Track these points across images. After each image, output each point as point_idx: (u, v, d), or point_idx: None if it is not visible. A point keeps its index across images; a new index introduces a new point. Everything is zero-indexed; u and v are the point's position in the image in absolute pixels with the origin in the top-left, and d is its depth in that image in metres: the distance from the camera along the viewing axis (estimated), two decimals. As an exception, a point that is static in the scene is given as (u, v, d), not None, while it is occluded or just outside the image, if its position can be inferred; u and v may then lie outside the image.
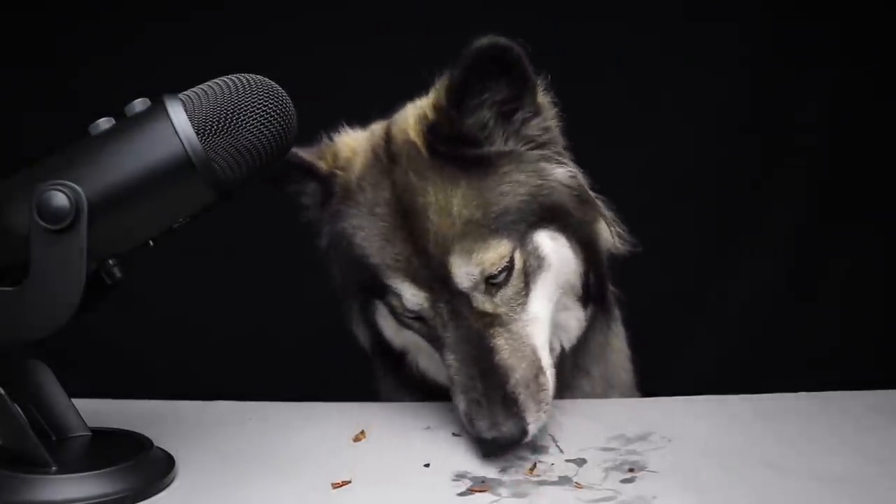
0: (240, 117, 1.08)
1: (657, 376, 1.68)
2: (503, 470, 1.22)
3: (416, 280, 1.27)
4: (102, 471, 1.14)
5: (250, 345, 2.29)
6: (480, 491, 1.16)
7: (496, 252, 1.26)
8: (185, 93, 1.10)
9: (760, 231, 2.35)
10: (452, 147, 1.29)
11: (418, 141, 1.30)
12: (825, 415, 1.37)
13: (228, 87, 1.09)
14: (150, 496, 1.15)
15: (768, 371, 2.27)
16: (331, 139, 1.41)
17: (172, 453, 1.24)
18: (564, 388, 1.46)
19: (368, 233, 1.30)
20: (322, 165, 1.37)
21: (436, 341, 1.30)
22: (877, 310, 2.30)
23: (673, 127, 2.25)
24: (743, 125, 2.29)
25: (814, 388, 1.46)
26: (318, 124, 1.41)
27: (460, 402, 1.25)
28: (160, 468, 1.20)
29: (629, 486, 1.16)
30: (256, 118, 1.09)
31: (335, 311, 1.57)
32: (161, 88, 1.10)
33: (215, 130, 1.07)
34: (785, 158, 2.32)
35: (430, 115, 1.31)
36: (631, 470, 1.21)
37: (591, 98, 2.18)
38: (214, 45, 2.08)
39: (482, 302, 1.27)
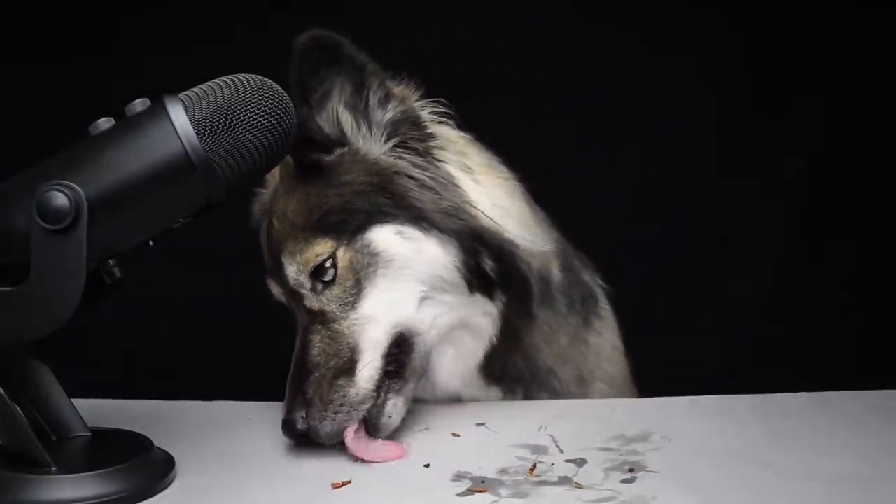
0: (240, 117, 1.08)
1: (657, 376, 1.68)
2: (503, 470, 1.22)
3: (273, 278, 1.39)
4: (102, 471, 1.14)
5: (250, 345, 2.29)
6: (480, 491, 1.16)
7: (313, 251, 1.32)
8: (185, 93, 1.10)
9: (760, 231, 2.35)
10: (303, 153, 1.34)
11: (291, 157, 1.35)
12: (825, 415, 1.37)
13: (228, 87, 1.09)
14: (150, 496, 1.15)
15: (768, 371, 2.26)
16: None
17: (172, 453, 1.24)
18: (533, 386, 1.49)
19: (261, 235, 1.44)
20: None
21: None
22: (876, 310, 2.30)
23: (672, 126, 2.25)
24: (741, 124, 2.29)
25: (814, 388, 1.46)
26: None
27: (287, 389, 1.31)
28: (160, 468, 1.20)
29: (629, 486, 1.16)
30: (256, 118, 1.09)
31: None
32: (161, 88, 1.10)
33: (215, 130, 1.07)
34: (784, 157, 2.32)
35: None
36: (631, 470, 1.21)
37: (591, 98, 2.19)
38: (214, 46, 2.08)
39: (310, 300, 1.33)
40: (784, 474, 1.18)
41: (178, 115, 1.06)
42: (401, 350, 1.33)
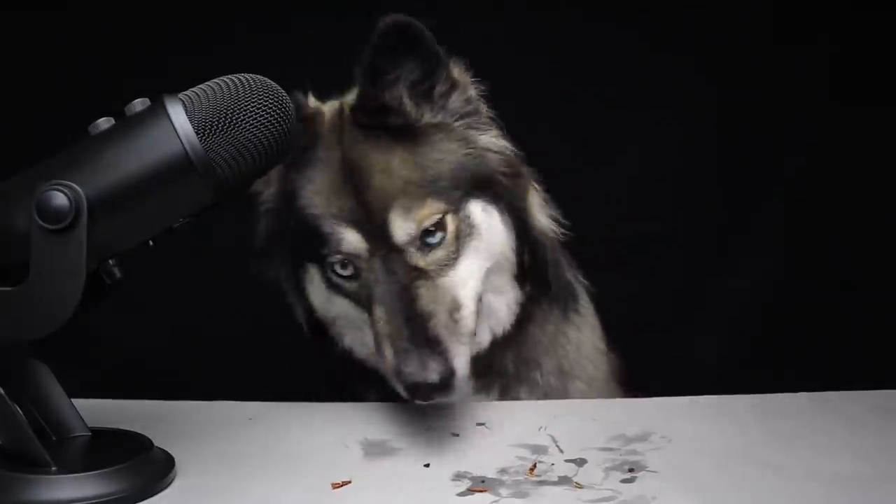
0: (240, 117, 1.08)
1: (656, 376, 1.68)
2: (503, 470, 1.22)
3: (358, 231, 1.35)
4: (102, 471, 1.14)
5: (250, 345, 2.29)
6: (480, 491, 1.16)
7: (430, 209, 1.34)
8: (185, 93, 1.10)
9: (760, 230, 2.35)
10: (378, 118, 1.38)
11: (353, 116, 1.40)
12: (825, 415, 1.37)
13: (228, 87, 1.09)
14: (150, 496, 1.15)
15: (768, 371, 2.26)
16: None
17: (172, 453, 1.24)
18: (512, 380, 1.51)
19: (319, 186, 1.38)
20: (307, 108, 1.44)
21: (363, 300, 1.36)
22: (877, 309, 2.30)
23: (672, 126, 2.25)
24: (741, 123, 2.29)
25: (814, 388, 1.46)
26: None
27: (387, 355, 1.30)
28: (160, 468, 1.20)
29: (629, 486, 1.17)
30: (256, 118, 1.09)
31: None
32: (161, 88, 1.10)
33: (215, 130, 1.07)
34: (784, 157, 2.32)
35: (357, 94, 1.41)
36: (631, 470, 1.21)
37: (590, 98, 2.19)
38: (214, 45, 2.08)
39: (415, 257, 1.34)
40: (784, 474, 1.18)
41: (178, 114, 1.06)
42: None
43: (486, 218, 1.41)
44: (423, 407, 1.43)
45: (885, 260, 2.30)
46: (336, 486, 1.18)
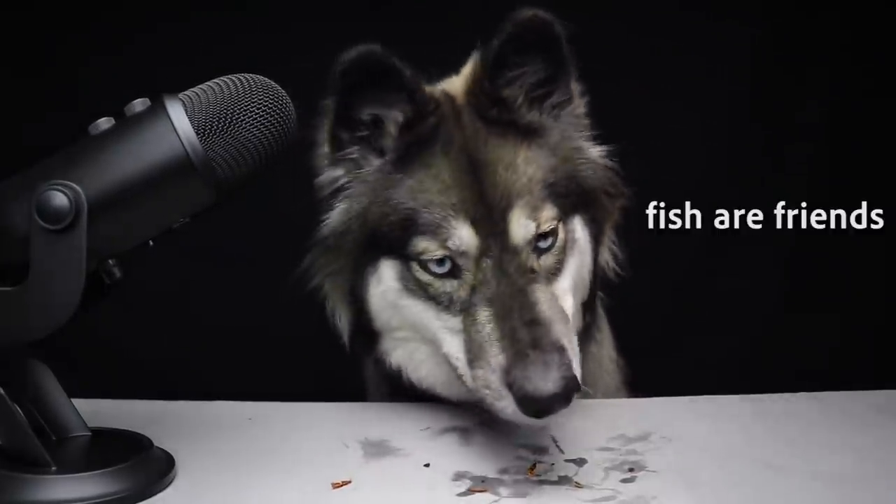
0: (240, 117, 1.08)
1: (657, 376, 1.68)
2: (503, 470, 1.22)
3: (473, 226, 1.26)
4: (102, 471, 1.14)
5: (250, 345, 2.29)
6: (480, 491, 1.16)
7: (549, 213, 1.28)
8: (185, 93, 1.10)
9: (760, 231, 2.35)
10: (495, 111, 1.32)
11: (468, 105, 1.33)
12: (825, 415, 1.37)
13: (228, 87, 1.10)
14: (150, 496, 1.15)
15: (768, 371, 2.26)
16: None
17: (172, 453, 1.24)
18: None
19: (436, 173, 1.29)
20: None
21: (454, 304, 1.27)
22: (877, 310, 2.30)
23: (672, 126, 2.25)
24: (743, 124, 2.29)
25: (814, 388, 1.46)
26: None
27: (495, 363, 1.19)
28: (160, 468, 1.20)
29: (629, 486, 1.17)
30: (256, 118, 1.09)
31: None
32: (161, 88, 1.10)
33: (215, 130, 1.07)
34: (786, 157, 2.32)
35: (469, 83, 1.34)
36: (631, 470, 1.21)
37: (590, 97, 2.19)
38: (214, 45, 2.08)
39: (531, 259, 1.26)
40: (784, 474, 1.18)
41: (178, 115, 1.06)
42: None
43: (583, 236, 1.35)
44: (422, 407, 1.43)
45: (885, 260, 2.30)
46: (336, 485, 1.18)
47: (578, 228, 1.35)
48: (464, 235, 1.25)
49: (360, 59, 1.24)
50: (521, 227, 1.26)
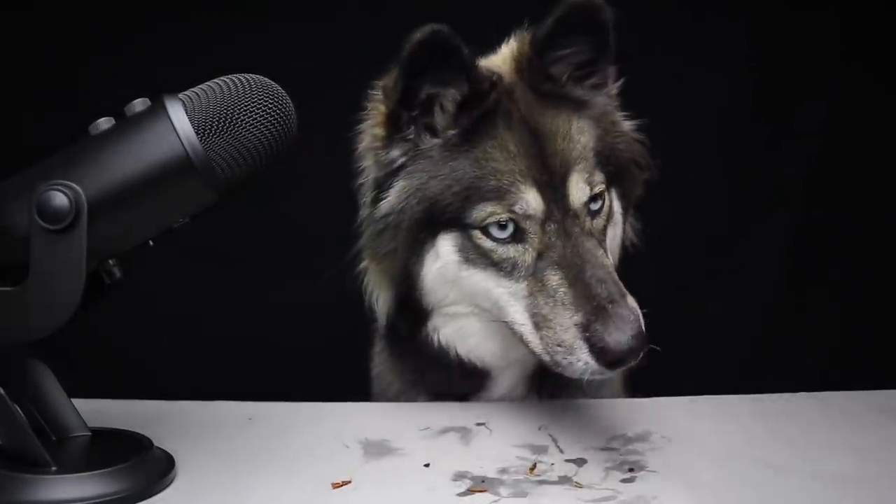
0: (240, 117, 1.08)
1: (657, 376, 1.67)
2: (503, 470, 1.22)
3: (539, 191, 1.31)
4: (102, 471, 1.14)
5: (250, 345, 2.29)
6: (480, 491, 1.16)
7: (599, 177, 1.35)
8: (185, 93, 1.10)
9: (761, 231, 2.35)
10: (555, 86, 1.38)
11: (520, 80, 1.38)
12: (825, 415, 1.37)
13: (228, 87, 1.10)
14: (150, 496, 1.15)
15: (768, 371, 2.26)
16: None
17: (172, 453, 1.24)
18: (561, 391, 1.47)
19: (502, 142, 1.33)
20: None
21: (518, 269, 1.31)
22: (877, 310, 2.30)
23: (672, 126, 2.25)
24: (743, 124, 2.29)
25: (814, 388, 1.46)
26: (318, 124, 1.41)
27: (573, 318, 1.24)
28: (160, 468, 1.20)
29: (629, 486, 1.17)
30: (256, 118, 1.09)
31: (336, 311, 1.57)
32: (161, 88, 1.10)
33: (215, 130, 1.07)
34: (785, 158, 2.32)
35: (518, 60, 1.39)
36: (631, 470, 1.21)
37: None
38: (214, 45, 2.08)
39: (587, 221, 1.33)
40: (784, 474, 1.18)
41: (178, 115, 1.06)
42: None
43: (617, 208, 1.43)
44: (422, 407, 1.43)
45: (885, 260, 2.30)
46: (336, 485, 1.18)
47: (614, 199, 1.42)
48: (531, 199, 1.31)
49: (428, 40, 1.26)
50: (579, 190, 1.32)
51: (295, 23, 2.18)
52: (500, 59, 1.43)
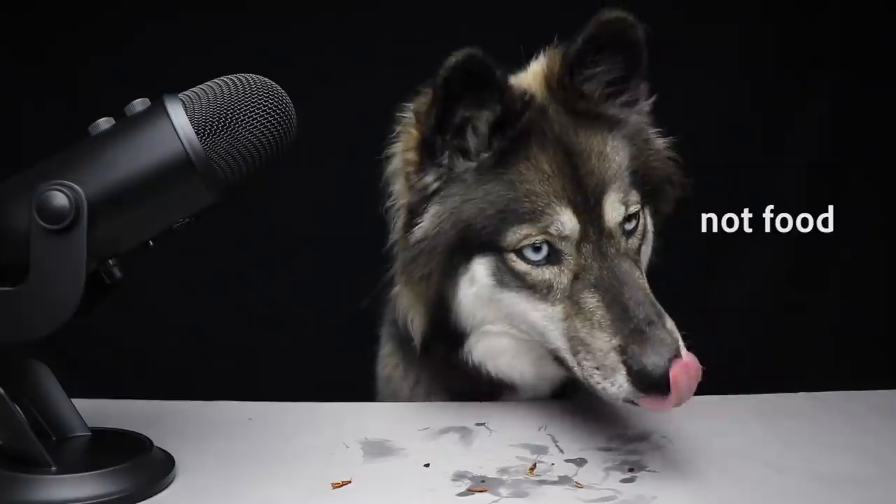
0: (240, 117, 1.08)
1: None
2: (503, 470, 1.22)
3: (574, 212, 1.30)
4: (102, 471, 1.14)
5: (250, 345, 2.29)
6: (480, 491, 1.16)
7: (634, 196, 1.34)
8: (185, 93, 1.10)
9: (761, 231, 2.35)
10: (589, 105, 1.36)
11: (553, 99, 1.36)
12: (825, 415, 1.37)
13: (228, 87, 1.10)
14: (150, 496, 1.15)
15: (768, 371, 2.26)
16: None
17: (172, 453, 1.24)
18: (572, 393, 1.47)
19: (536, 163, 1.32)
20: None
21: (553, 291, 1.29)
22: (877, 309, 2.30)
23: (672, 127, 2.25)
24: (743, 124, 2.29)
25: (814, 388, 1.46)
26: (318, 124, 1.41)
27: (612, 342, 1.22)
28: (160, 468, 1.20)
29: (629, 486, 1.17)
30: (256, 118, 1.09)
31: (335, 311, 1.57)
32: (161, 88, 1.10)
33: (215, 130, 1.07)
34: (786, 158, 2.32)
35: (550, 79, 1.37)
36: (631, 470, 1.21)
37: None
38: (214, 45, 2.08)
39: (622, 241, 1.31)
40: (784, 474, 1.18)
41: (178, 115, 1.06)
42: None
43: (650, 227, 1.41)
44: (422, 407, 1.43)
45: (886, 260, 2.30)
46: (336, 485, 1.18)
47: (648, 218, 1.40)
48: (566, 220, 1.29)
49: (462, 65, 1.24)
50: (614, 210, 1.31)
51: (295, 23, 2.18)
52: (531, 77, 1.40)
